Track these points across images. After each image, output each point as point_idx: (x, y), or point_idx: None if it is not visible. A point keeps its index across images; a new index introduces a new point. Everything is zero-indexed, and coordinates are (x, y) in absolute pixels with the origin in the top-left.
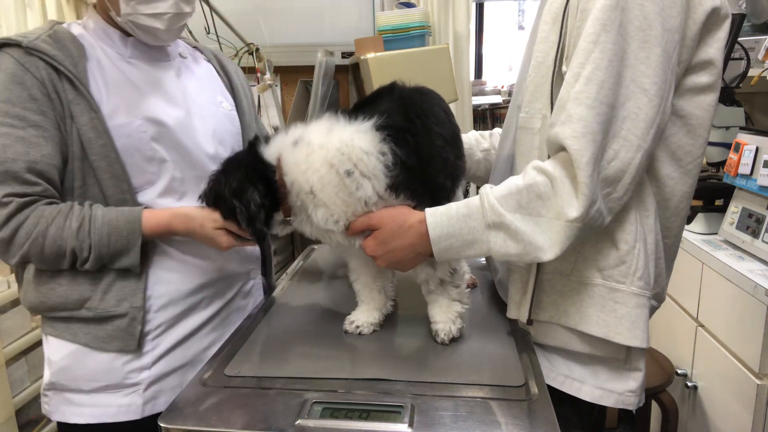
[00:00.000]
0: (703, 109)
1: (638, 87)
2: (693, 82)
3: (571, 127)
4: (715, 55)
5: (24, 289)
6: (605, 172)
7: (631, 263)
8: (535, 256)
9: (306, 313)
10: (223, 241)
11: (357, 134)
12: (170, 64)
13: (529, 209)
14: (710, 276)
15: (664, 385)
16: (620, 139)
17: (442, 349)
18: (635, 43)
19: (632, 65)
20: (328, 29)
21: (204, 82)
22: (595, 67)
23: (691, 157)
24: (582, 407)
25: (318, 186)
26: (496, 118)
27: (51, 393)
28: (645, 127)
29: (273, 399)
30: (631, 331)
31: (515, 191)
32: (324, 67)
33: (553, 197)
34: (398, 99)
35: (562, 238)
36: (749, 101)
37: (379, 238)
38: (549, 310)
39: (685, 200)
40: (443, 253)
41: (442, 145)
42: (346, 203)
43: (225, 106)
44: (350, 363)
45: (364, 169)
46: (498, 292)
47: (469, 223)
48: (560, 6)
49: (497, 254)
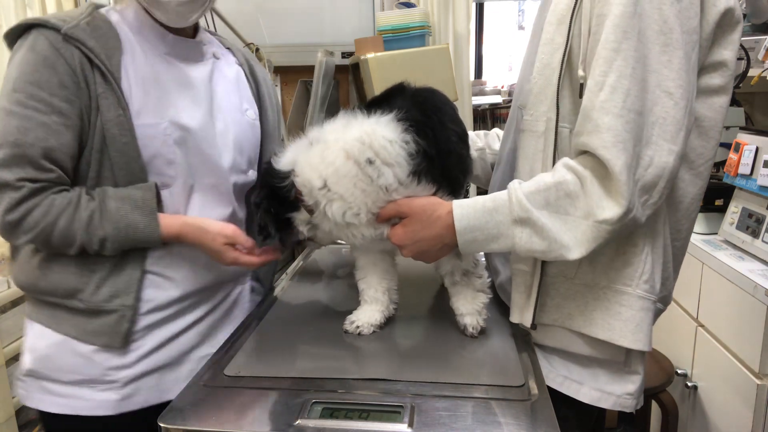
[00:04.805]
0: (715, 110)
1: (663, 91)
2: (706, 84)
3: (599, 137)
4: (729, 56)
5: (18, 267)
6: (644, 179)
7: (638, 266)
8: (560, 254)
9: (306, 313)
10: (228, 258)
11: (378, 125)
12: (204, 65)
13: (557, 207)
14: (710, 276)
15: (664, 385)
16: (653, 145)
17: (442, 349)
18: (657, 48)
19: (656, 70)
20: (328, 29)
21: (232, 87)
22: (620, 75)
23: (702, 159)
24: (581, 408)
25: (333, 179)
26: (496, 118)
27: (29, 380)
28: (674, 130)
29: (273, 399)
30: (634, 335)
31: (544, 188)
32: (324, 67)
33: (582, 196)
34: (411, 97)
35: (588, 238)
36: (749, 101)
37: (408, 227)
38: (552, 313)
39: (695, 202)
40: (468, 246)
41: (456, 141)
42: (366, 193)
43: (249, 114)
44: (350, 363)
45: (387, 156)
46: (498, 294)
47: (496, 217)
48: (567, 8)
49: (521, 250)
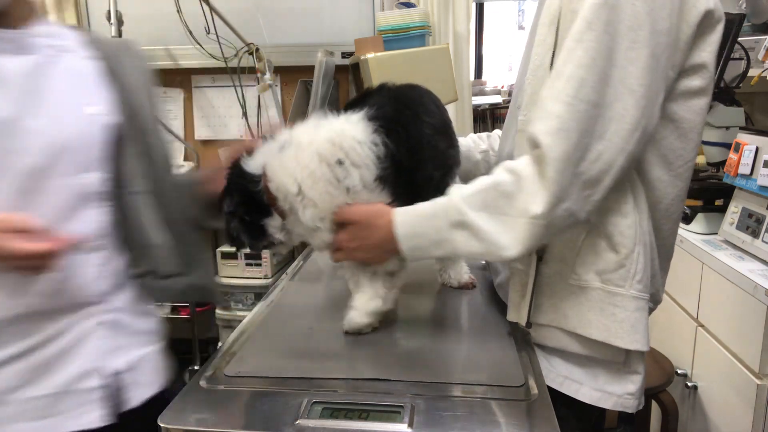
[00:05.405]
0: (695, 112)
1: (626, 88)
2: (686, 86)
3: (545, 123)
4: (708, 58)
5: None
6: (588, 173)
7: (630, 267)
8: (498, 255)
9: (306, 313)
10: (14, 247)
11: (348, 125)
12: (27, 57)
13: (494, 208)
14: (710, 276)
15: (664, 385)
16: (605, 140)
17: (442, 349)
18: (625, 43)
19: (621, 65)
20: (328, 29)
21: (74, 81)
22: (577, 65)
23: (682, 161)
24: (581, 408)
25: (308, 183)
26: (496, 118)
27: None
28: (630, 129)
29: (273, 399)
30: (630, 335)
31: (482, 190)
32: (324, 67)
33: (518, 195)
34: (387, 93)
35: (525, 236)
36: (749, 101)
37: (350, 234)
38: (549, 313)
39: (676, 203)
40: (413, 252)
41: (431, 134)
42: (332, 196)
43: (91, 110)
44: (350, 363)
45: (356, 158)
46: (498, 294)
47: (435, 222)
48: (557, 8)
49: (463, 253)
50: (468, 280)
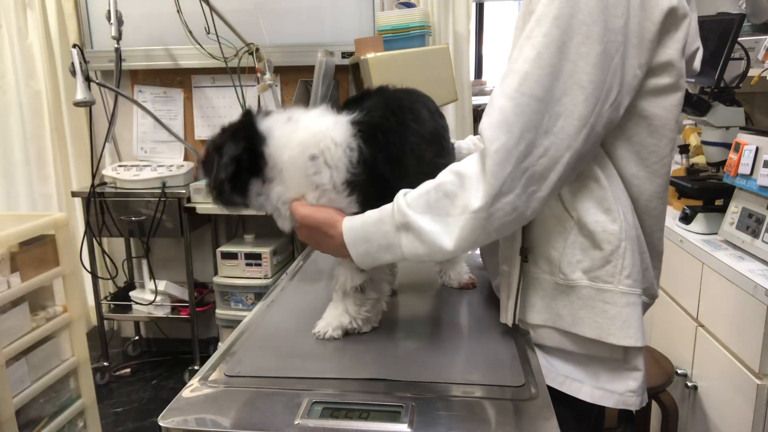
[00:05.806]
0: (665, 109)
1: (576, 83)
2: (654, 84)
3: (487, 117)
4: (674, 56)
5: None
6: (533, 169)
7: (617, 262)
8: (442, 255)
9: (306, 313)
10: None
11: (334, 124)
12: None
13: (438, 209)
14: (710, 276)
15: (664, 385)
16: (552, 135)
17: (442, 349)
18: (578, 38)
19: (572, 60)
20: (328, 29)
21: None
22: (524, 59)
23: (656, 157)
24: (581, 407)
25: (288, 164)
26: None
27: None
28: (578, 126)
29: (273, 399)
30: (623, 331)
31: (425, 192)
32: (324, 67)
33: (460, 194)
34: (380, 97)
35: (465, 233)
36: (749, 101)
37: (305, 234)
38: (543, 313)
39: (655, 200)
40: (362, 259)
41: (417, 142)
42: (301, 186)
43: None
44: (350, 363)
45: (329, 158)
46: (497, 294)
47: (382, 227)
48: (523, 11)
49: (409, 256)
50: (468, 281)
